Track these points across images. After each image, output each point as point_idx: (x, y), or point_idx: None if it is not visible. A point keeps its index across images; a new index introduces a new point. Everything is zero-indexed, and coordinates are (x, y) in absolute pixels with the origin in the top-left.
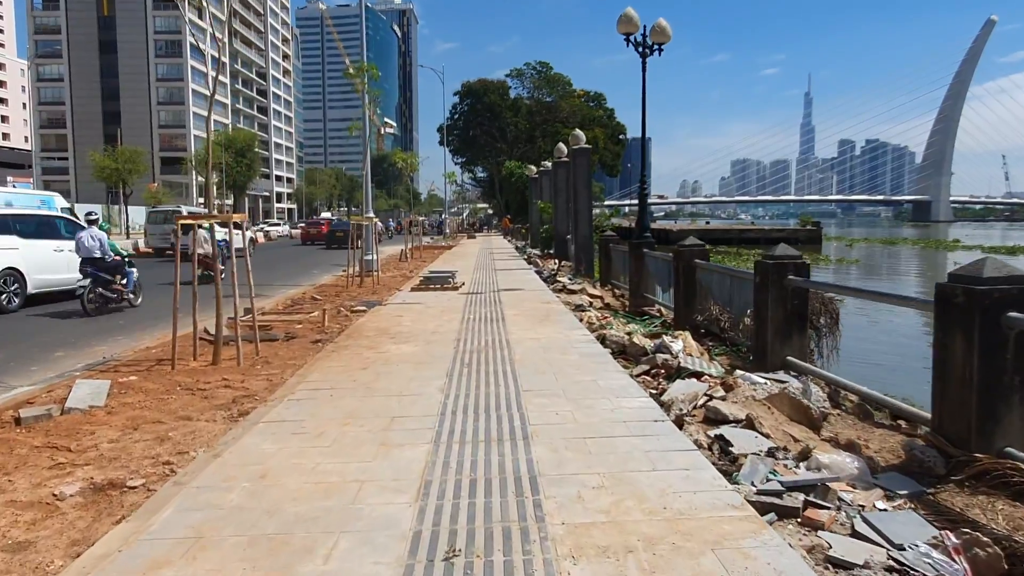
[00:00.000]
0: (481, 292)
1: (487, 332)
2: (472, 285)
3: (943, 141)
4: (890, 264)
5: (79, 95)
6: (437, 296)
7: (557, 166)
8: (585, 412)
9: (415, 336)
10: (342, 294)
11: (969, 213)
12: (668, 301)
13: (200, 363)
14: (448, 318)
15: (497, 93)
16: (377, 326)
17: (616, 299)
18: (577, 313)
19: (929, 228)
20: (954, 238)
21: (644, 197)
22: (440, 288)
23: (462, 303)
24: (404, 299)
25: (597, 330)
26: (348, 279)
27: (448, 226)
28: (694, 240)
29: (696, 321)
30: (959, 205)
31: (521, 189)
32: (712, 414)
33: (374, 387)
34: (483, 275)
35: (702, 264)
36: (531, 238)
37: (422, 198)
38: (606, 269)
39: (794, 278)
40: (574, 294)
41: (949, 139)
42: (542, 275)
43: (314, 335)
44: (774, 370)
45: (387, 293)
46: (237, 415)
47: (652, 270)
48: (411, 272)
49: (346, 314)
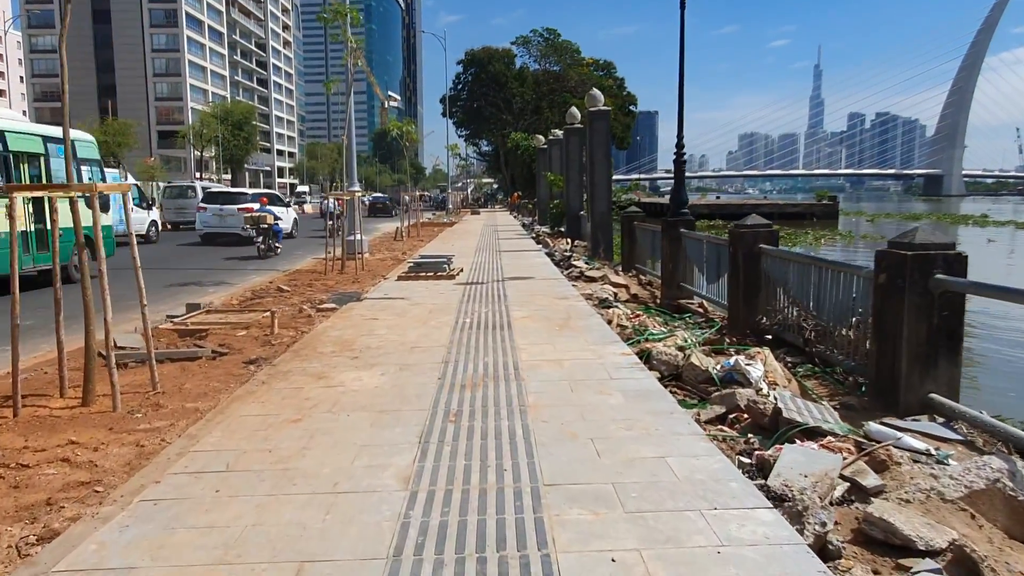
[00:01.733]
0: (482, 282)
1: (487, 349)
2: (472, 272)
3: (956, 113)
4: None
5: (73, 67)
6: (428, 288)
7: (569, 133)
8: (671, 559)
9: (387, 355)
10: (316, 283)
11: (982, 187)
12: (715, 294)
13: (66, 402)
14: (436, 323)
15: (502, 62)
16: (340, 336)
17: (643, 288)
18: (602, 311)
19: (941, 202)
20: (981, 213)
21: (681, 165)
22: (433, 276)
23: (457, 298)
24: (387, 291)
25: (635, 341)
26: (327, 264)
27: (451, 201)
28: (757, 218)
29: (761, 325)
30: (971, 179)
31: (527, 162)
32: (877, 530)
33: (296, 470)
34: (486, 258)
35: (772, 251)
36: (539, 214)
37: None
38: (629, 252)
39: (945, 278)
40: (594, 282)
41: (963, 111)
42: (553, 258)
43: (254, 348)
44: (910, 413)
45: (370, 282)
46: (22, 547)
47: (692, 255)
48: (404, 254)
49: (309, 314)
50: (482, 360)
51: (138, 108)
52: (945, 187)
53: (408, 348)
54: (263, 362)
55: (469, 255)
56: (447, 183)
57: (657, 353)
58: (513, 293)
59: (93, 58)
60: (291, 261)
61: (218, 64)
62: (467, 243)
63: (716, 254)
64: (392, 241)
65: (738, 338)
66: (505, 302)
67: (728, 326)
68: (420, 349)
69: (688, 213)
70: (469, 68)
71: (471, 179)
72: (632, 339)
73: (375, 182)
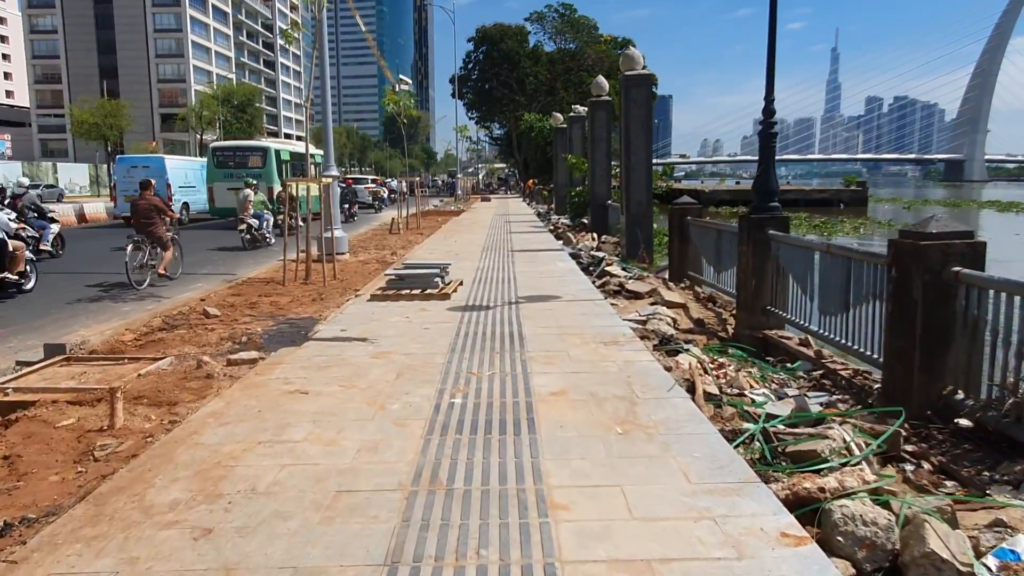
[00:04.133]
0: (488, 306)
1: (487, 506)
2: (475, 286)
3: (980, 97)
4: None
5: (74, 48)
6: (410, 316)
7: (595, 108)
8: None
9: (270, 529)
10: (265, 300)
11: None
12: (841, 334)
13: None
14: (401, 412)
15: (515, 39)
16: (211, 455)
17: (703, 306)
18: (669, 360)
19: (962, 188)
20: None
21: (771, 138)
22: (420, 295)
23: (447, 343)
24: (348, 325)
25: (773, 466)
26: (294, 268)
27: (461, 187)
28: (948, 223)
29: (949, 401)
30: (993, 164)
31: (542, 146)
32: None
33: None
34: (494, 262)
35: (995, 282)
36: (556, 203)
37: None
38: (680, 255)
39: None
40: (639, 300)
41: (986, 94)
42: (580, 260)
43: (43, 478)
44: None
45: (336, 300)
46: None
47: (792, 270)
48: (395, 255)
49: (209, 373)
50: (474, 558)
51: (141, 90)
52: (967, 172)
53: (325, 502)
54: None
55: (474, 256)
56: (457, 168)
57: (843, 520)
58: (533, 330)
59: (95, 38)
60: (273, 258)
61: (223, 45)
62: (473, 238)
63: (844, 273)
64: (387, 234)
65: (909, 423)
66: (521, 351)
67: (881, 396)
68: (346, 509)
69: (779, 208)
70: (480, 46)
71: (483, 164)
72: (738, 431)
73: (385, 167)
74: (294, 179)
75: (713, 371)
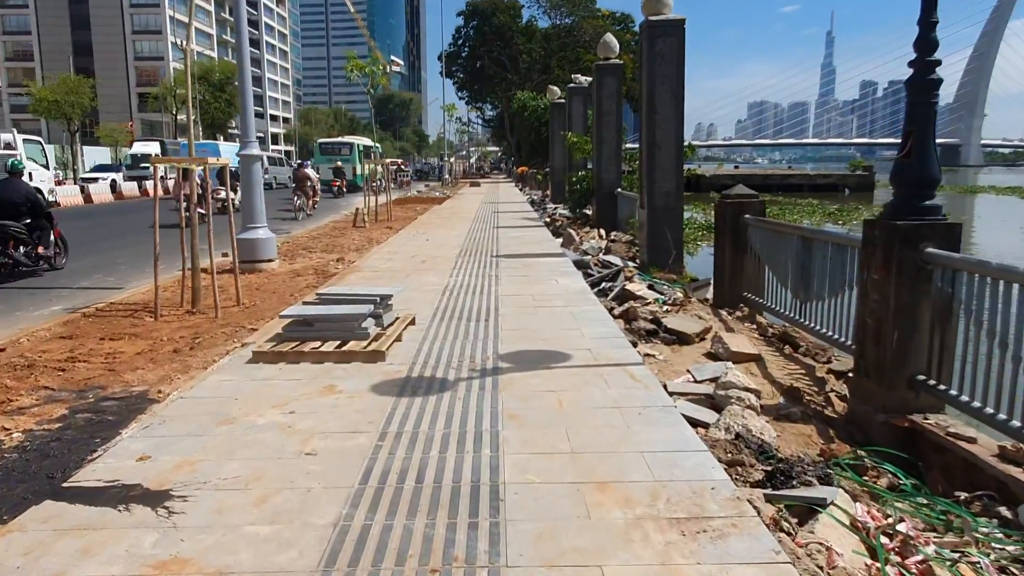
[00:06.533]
0: (443, 385)
1: None
2: (430, 332)
3: (977, 81)
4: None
5: (45, 22)
6: (294, 412)
7: (604, 73)
8: None
9: None
10: (94, 353)
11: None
12: None
13: None
14: None
15: (507, 14)
16: None
17: (772, 347)
18: (787, 552)
19: (958, 173)
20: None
21: (933, 84)
22: (336, 353)
23: (334, 512)
24: (157, 447)
25: None
26: (158, 297)
27: (450, 171)
28: None
29: None
30: (988, 149)
31: (536, 126)
32: None
33: None
34: (469, 277)
35: None
36: (553, 189)
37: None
38: (732, 269)
39: None
40: (685, 345)
41: (983, 79)
42: (590, 273)
43: None
44: None
45: (205, 356)
46: None
47: (981, 320)
48: (343, 259)
49: None
50: None
51: (117, 68)
52: (963, 157)
53: None
54: None
55: (445, 265)
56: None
57: None
58: (525, 469)
59: (68, 13)
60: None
61: (203, 22)
62: (451, 235)
63: None
64: (349, 228)
65: None
66: (504, 552)
67: None
68: None
69: (941, 208)
70: (470, 21)
71: (475, 147)
72: None
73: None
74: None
75: (897, 558)
